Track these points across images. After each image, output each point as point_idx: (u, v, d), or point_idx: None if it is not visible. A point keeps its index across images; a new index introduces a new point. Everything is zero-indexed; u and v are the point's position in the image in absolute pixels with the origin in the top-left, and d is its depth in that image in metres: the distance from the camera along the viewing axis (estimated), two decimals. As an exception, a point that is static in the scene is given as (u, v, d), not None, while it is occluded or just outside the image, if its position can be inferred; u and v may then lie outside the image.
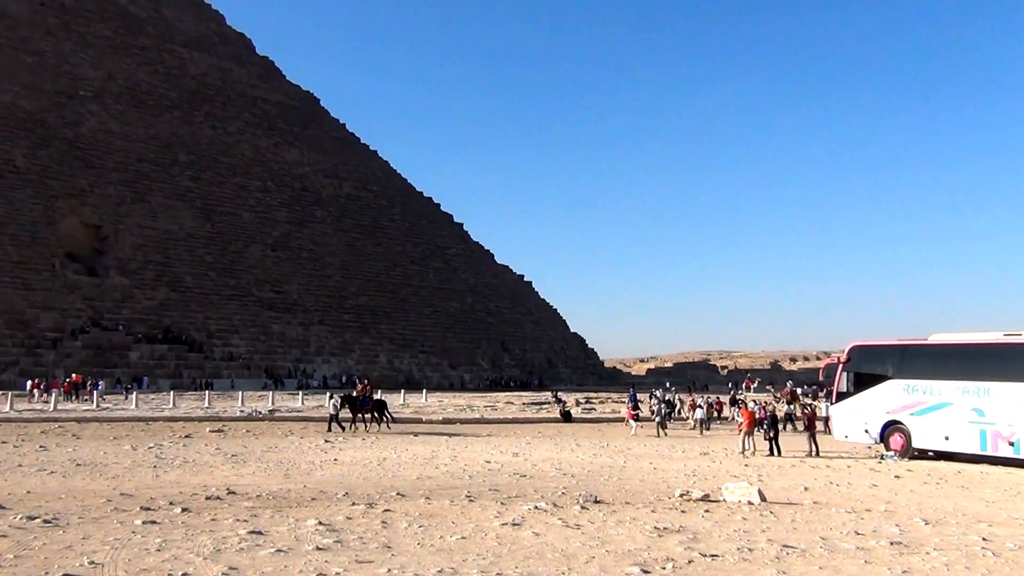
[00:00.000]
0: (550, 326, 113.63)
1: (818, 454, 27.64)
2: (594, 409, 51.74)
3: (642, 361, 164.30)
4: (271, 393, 53.11)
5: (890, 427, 27.28)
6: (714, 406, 44.08)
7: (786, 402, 47.62)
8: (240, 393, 52.02)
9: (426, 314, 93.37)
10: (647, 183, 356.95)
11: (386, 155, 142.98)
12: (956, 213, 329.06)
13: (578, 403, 54.57)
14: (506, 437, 33.09)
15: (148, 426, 34.37)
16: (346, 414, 34.66)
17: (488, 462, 23.42)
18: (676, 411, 44.36)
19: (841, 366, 29.46)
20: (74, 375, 53.05)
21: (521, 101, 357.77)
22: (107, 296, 68.71)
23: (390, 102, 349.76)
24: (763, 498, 16.01)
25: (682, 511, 14.73)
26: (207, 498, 15.51)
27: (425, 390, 64.72)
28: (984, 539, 12.81)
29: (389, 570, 9.89)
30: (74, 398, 48.59)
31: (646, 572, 10.07)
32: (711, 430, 38.55)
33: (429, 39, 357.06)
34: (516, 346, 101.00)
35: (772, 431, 28.07)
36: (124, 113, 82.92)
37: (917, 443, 26.65)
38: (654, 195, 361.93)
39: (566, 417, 43.22)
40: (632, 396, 49.58)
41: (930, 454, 26.85)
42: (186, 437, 30.02)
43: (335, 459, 23.72)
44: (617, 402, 56.42)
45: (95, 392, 47.56)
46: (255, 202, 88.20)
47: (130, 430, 32.38)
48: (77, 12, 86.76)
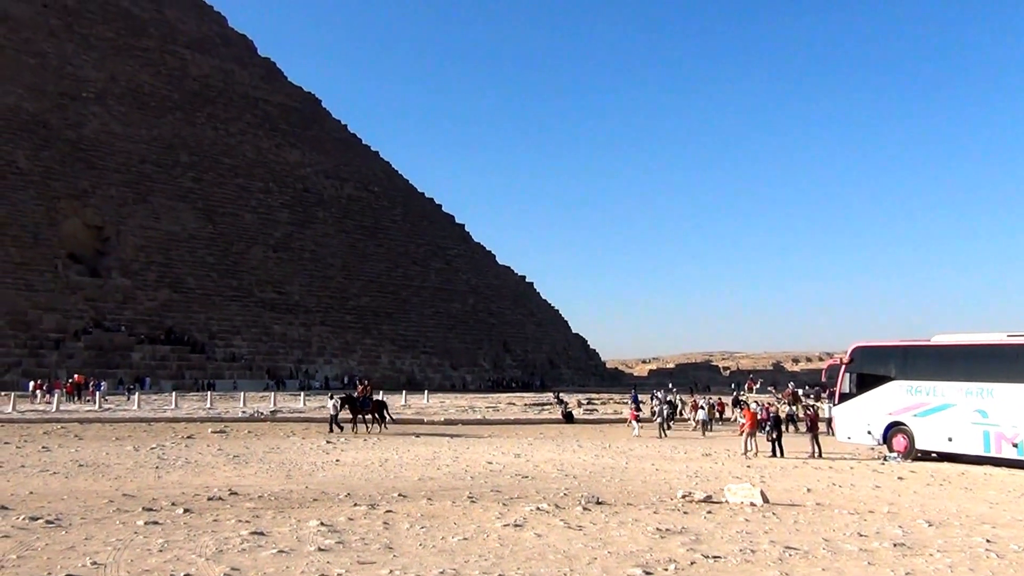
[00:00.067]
0: (552, 327, 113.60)
1: (821, 455, 27.59)
2: (596, 410, 51.70)
3: (644, 362, 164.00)
4: (273, 394, 53.16)
5: (893, 428, 27.23)
6: (716, 407, 44.00)
7: (788, 403, 47.59)
8: (242, 394, 52.10)
9: (428, 315, 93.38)
10: (649, 183, 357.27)
11: (388, 156, 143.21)
12: (959, 213, 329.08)
13: (580, 404, 54.55)
14: (508, 438, 33.07)
15: (150, 427, 34.42)
16: (346, 415, 34.66)
17: (490, 463, 23.40)
18: (678, 412, 44.29)
19: (844, 367, 29.39)
20: (76, 376, 53.03)
21: (522, 101, 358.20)
22: (109, 297, 68.79)
23: (392, 103, 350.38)
24: (766, 499, 15.99)
25: (684, 512, 14.71)
26: (209, 499, 15.51)
27: (427, 391, 64.67)
28: (988, 541, 12.77)
29: (391, 571, 9.88)
30: (76, 399, 48.64)
31: (648, 573, 10.06)
32: (713, 431, 38.53)
33: (430, 40, 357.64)
34: (518, 347, 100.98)
35: (775, 432, 28.04)
36: (126, 114, 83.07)
37: (920, 444, 26.61)
38: (656, 195, 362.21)
39: (568, 418, 43.20)
40: (634, 397, 49.60)
41: (933, 455, 26.81)
42: (188, 438, 30.05)
43: (337, 460, 23.71)
44: (619, 403, 56.40)
45: (97, 393, 47.60)
46: (257, 203, 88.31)
47: (132, 431, 32.42)
48: (79, 14, 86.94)
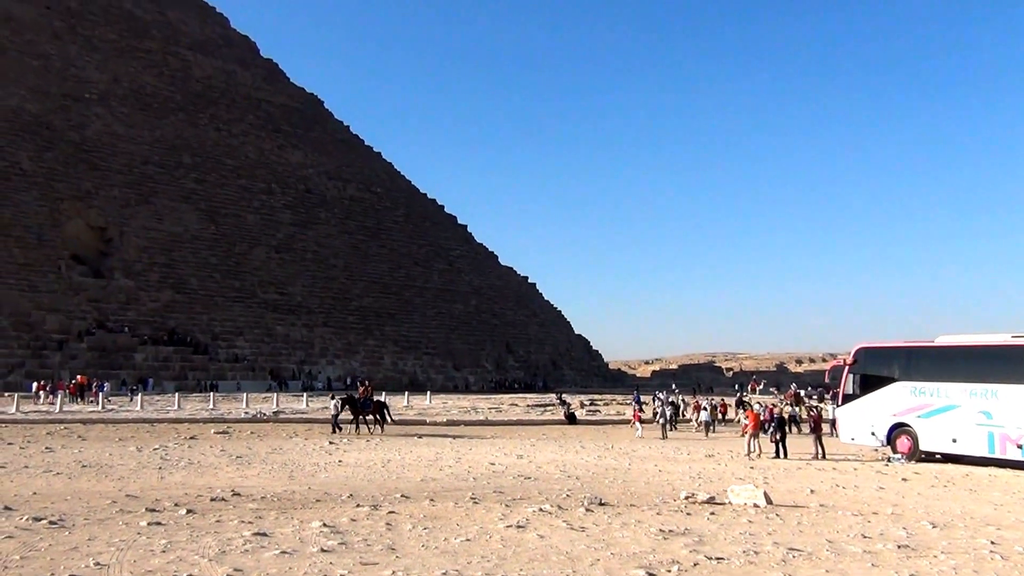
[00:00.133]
0: (554, 328, 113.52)
1: (824, 456, 27.54)
2: (599, 411, 51.68)
3: (647, 363, 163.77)
4: (275, 395, 53.15)
5: (897, 429, 27.16)
6: (719, 408, 43.98)
7: (790, 404, 47.49)
8: (245, 395, 52.17)
9: (430, 316, 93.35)
10: (651, 184, 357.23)
11: (390, 157, 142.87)
12: (963, 214, 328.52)
13: (583, 405, 54.55)
14: (510, 439, 33.05)
15: (153, 428, 34.46)
16: (347, 415, 34.66)
17: (492, 464, 23.38)
18: (680, 413, 44.26)
19: (847, 368, 29.33)
20: (79, 377, 53.12)
21: (523, 102, 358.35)
22: (112, 298, 68.85)
23: (394, 104, 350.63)
24: (769, 501, 15.94)
25: (687, 513, 14.68)
26: (212, 500, 15.51)
27: (429, 392, 64.62)
28: (992, 542, 12.73)
29: (393, 572, 9.87)
30: (80, 400, 48.72)
31: (651, 575, 10.04)
32: (716, 432, 38.49)
33: (432, 41, 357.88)
34: (520, 348, 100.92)
35: (779, 433, 27.99)
36: (129, 116, 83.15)
37: (924, 446, 26.54)
38: (658, 196, 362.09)
39: (571, 419, 43.17)
40: (636, 398, 49.59)
41: (937, 457, 26.73)
42: (191, 439, 30.06)
43: (339, 461, 23.70)
44: (622, 404, 56.34)
45: (100, 394, 47.67)
46: (259, 204, 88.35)
47: (135, 432, 32.44)
48: (82, 15, 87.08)
